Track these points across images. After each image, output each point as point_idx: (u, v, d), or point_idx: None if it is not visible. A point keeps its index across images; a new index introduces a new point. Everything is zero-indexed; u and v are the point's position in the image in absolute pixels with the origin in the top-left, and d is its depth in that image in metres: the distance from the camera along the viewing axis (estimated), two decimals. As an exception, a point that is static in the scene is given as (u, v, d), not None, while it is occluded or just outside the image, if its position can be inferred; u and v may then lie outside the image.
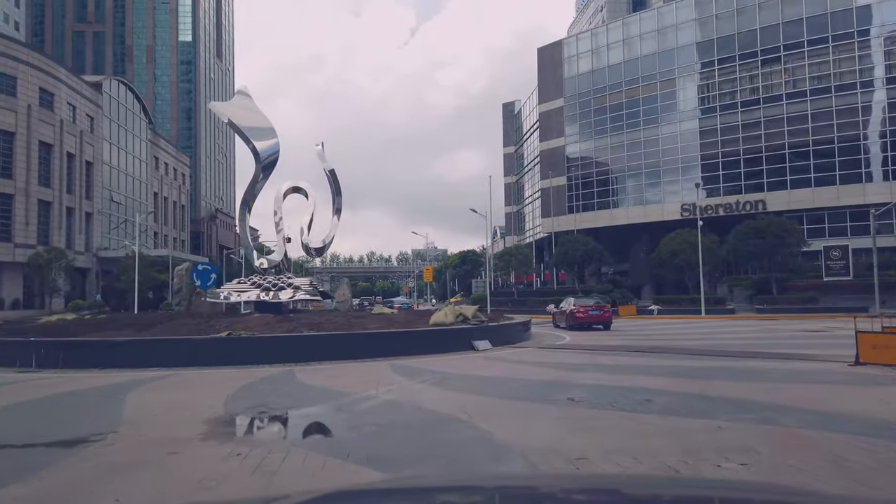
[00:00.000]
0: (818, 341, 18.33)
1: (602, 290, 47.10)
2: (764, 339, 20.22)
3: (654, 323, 31.65)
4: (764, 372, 11.59)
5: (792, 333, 22.16)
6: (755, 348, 16.42)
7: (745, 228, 39.46)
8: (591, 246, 47.23)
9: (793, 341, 18.65)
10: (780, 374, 11.41)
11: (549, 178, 63.48)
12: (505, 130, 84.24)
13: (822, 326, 25.42)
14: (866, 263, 45.46)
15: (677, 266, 43.18)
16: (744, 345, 17.66)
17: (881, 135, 46.92)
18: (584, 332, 25.07)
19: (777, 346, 17.11)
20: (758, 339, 19.84)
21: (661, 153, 55.97)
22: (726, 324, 29.70)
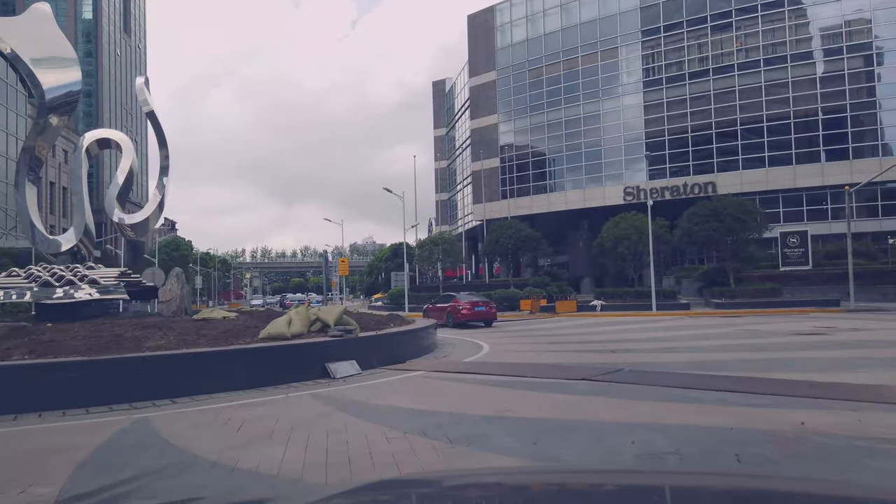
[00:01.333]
0: (850, 354, 12.48)
1: (538, 282, 41.20)
2: (756, 347, 14.32)
3: (598, 322, 25.75)
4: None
5: (787, 339, 16.39)
6: (766, 369, 10.39)
7: (701, 210, 34.21)
8: (525, 233, 41.33)
9: (809, 354, 12.75)
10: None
11: (480, 159, 57.34)
12: (435, 111, 77.73)
13: (812, 326, 19.90)
14: (824, 252, 41.19)
15: (621, 255, 37.67)
16: (739, 362, 11.65)
17: (841, 109, 42.70)
18: (506, 340, 18.80)
19: (795, 364, 11.12)
20: (750, 350, 13.91)
21: (602, 131, 50.61)
22: (687, 323, 24.02)
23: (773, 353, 13.19)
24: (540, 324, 26.36)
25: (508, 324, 26.88)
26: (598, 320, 27.38)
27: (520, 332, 22.15)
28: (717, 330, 19.65)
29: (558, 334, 20.41)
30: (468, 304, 25.34)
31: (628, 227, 37.08)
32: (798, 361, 11.49)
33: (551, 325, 25.49)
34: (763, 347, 14.29)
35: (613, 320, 27.03)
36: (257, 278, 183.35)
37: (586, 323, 25.60)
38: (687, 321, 25.06)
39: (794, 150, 43.50)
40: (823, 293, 36.07)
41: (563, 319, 28.97)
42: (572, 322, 26.69)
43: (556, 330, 22.30)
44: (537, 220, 56.72)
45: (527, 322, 27.82)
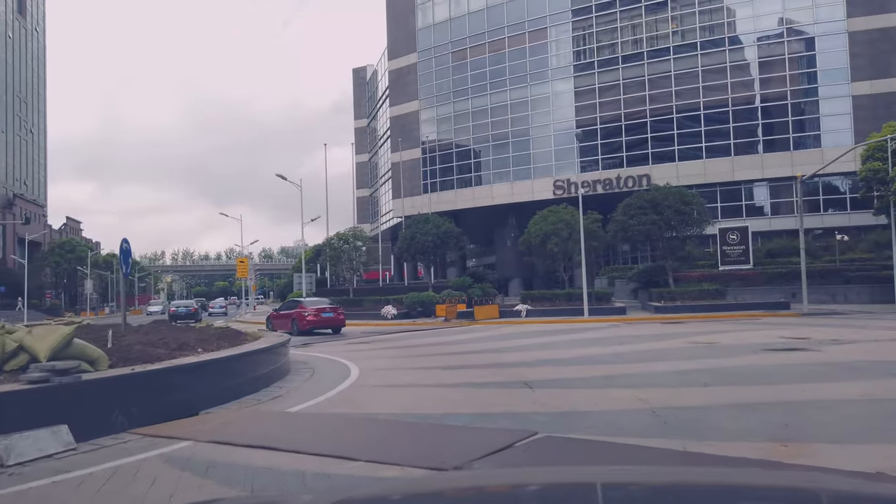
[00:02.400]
0: (887, 391, 8.07)
1: (459, 284, 36.52)
2: (732, 377, 9.90)
3: (519, 332, 21.16)
4: None
5: (765, 360, 12.07)
6: (786, 434, 5.83)
7: (637, 201, 30.27)
8: (444, 228, 36.57)
9: (824, 392, 8.31)
10: None
11: (400, 150, 52.32)
12: (356, 100, 72.31)
13: (780, 337, 15.80)
14: (766, 250, 38.26)
15: (550, 253, 33.40)
16: (727, 413, 7.12)
17: (781, 96, 39.94)
18: (393, 361, 13.83)
19: (827, 421, 6.62)
20: (727, 383, 9.46)
21: (530, 119, 46.51)
22: (626, 333, 19.69)
23: (763, 386, 8.71)
24: (450, 334, 21.55)
25: (411, 335, 21.95)
26: (521, 329, 22.79)
27: (418, 347, 17.24)
28: (665, 344, 15.26)
29: (466, 351, 15.60)
30: (314, 311, 23.63)
31: (557, 221, 32.83)
32: (821, 412, 6.96)
33: (463, 335, 20.72)
34: (741, 375, 9.83)
35: (539, 329, 22.50)
36: (178, 282, 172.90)
37: (505, 333, 20.94)
38: (625, 330, 20.76)
39: (733, 140, 40.51)
40: (767, 294, 32.89)
41: (480, 328, 24.29)
42: (489, 332, 22.00)
43: (466, 344, 17.51)
44: (462, 217, 52.14)
45: (435, 332, 22.99)
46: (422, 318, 30.91)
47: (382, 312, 31.07)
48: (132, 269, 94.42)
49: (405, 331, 24.25)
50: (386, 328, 26.42)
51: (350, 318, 32.77)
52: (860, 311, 25.61)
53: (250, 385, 9.93)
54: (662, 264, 37.20)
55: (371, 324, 29.57)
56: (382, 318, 30.89)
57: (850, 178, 38.53)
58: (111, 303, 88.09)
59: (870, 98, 37.44)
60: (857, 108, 37.64)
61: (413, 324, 28.33)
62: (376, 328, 26.81)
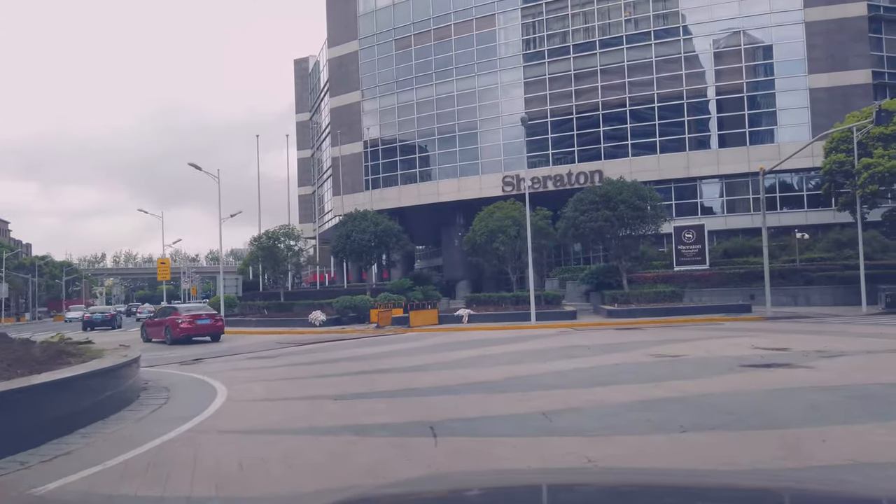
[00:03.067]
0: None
1: (397, 287, 33.55)
2: (717, 416, 7.27)
3: (455, 343, 18.33)
4: None
5: (748, 380, 9.52)
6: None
7: (589, 196, 27.83)
8: (383, 226, 33.51)
9: (843, 437, 5.62)
10: None
11: (340, 144, 49.04)
12: (298, 94, 68.59)
13: (752, 347, 13.35)
14: (722, 249, 36.47)
15: (497, 253, 30.75)
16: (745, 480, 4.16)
17: (737, 89, 38.27)
18: (277, 386, 10.76)
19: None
20: (711, 426, 6.76)
21: (478, 111, 43.88)
22: (575, 341, 17.08)
23: (765, 432, 6.05)
24: (374, 345, 18.55)
25: (328, 347, 18.87)
26: (459, 338, 19.96)
27: (326, 364, 14.19)
28: (621, 358, 12.62)
29: (380, 369, 12.65)
30: (188, 318, 22.35)
31: (504, 218, 30.22)
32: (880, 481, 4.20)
33: (389, 346, 17.75)
34: (727, 410, 7.17)
35: (478, 337, 19.70)
36: (118, 285, 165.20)
37: (438, 344, 18.06)
38: (575, 338, 18.13)
39: (688, 134, 38.68)
40: (725, 296, 30.94)
41: (413, 336, 21.36)
42: (421, 342, 19.08)
43: (386, 359, 14.54)
44: (408, 216, 49.26)
45: (359, 343, 19.97)
46: (354, 325, 27.83)
47: (310, 319, 27.86)
48: (62, 271, 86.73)
49: (327, 340, 21.16)
50: (308, 337, 23.26)
51: (276, 325, 29.47)
52: (826, 314, 23.69)
53: (38, 432, 6.79)
54: (615, 265, 35.00)
55: (295, 331, 26.35)
56: (310, 325, 27.71)
57: (808, 175, 37.15)
58: (35, 307, 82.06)
59: (827, 91, 36.05)
60: (815, 102, 36.22)
61: (342, 331, 25.24)
62: (297, 337, 23.60)
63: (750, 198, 38.22)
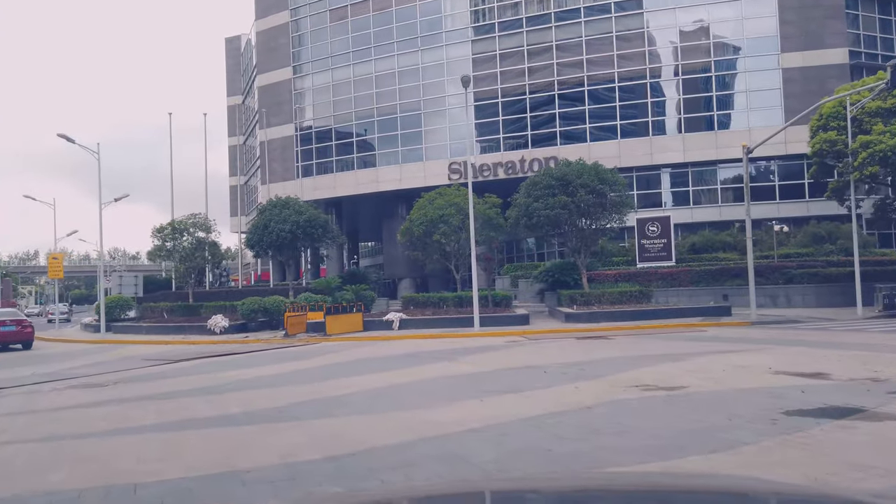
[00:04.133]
0: None
1: (320, 286, 28.90)
2: None
3: (371, 356, 13.89)
4: None
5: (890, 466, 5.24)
6: None
7: (544, 179, 23.69)
8: (308, 215, 28.74)
9: None
10: None
11: (270, 127, 43.99)
12: (229, 75, 62.84)
13: (769, 367, 9.28)
14: (688, 244, 33.00)
15: (439, 247, 26.45)
16: None
17: (705, 67, 34.86)
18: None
19: None
20: None
21: (422, 91, 39.47)
22: (527, 358, 12.85)
23: None
24: (260, 364, 13.92)
25: (189, 372, 14.19)
26: (378, 351, 15.51)
27: (161, 397, 9.55)
28: (590, 391, 8.36)
29: (219, 418, 8.10)
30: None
31: (446, 205, 25.90)
32: None
33: (278, 366, 13.18)
34: None
35: (403, 351, 15.30)
36: (52, 285, 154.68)
37: (343, 362, 13.56)
38: (525, 353, 13.91)
39: (651, 118, 35.08)
40: (695, 296, 27.43)
41: (323, 348, 16.82)
42: (326, 357, 14.56)
43: (255, 389, 10.02)
44: (346, 207, 44.58)
45: (247, 360, 15.33)
46: (264, 332, 23.08)
47: (209, 325, 23.00)
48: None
49: (213, 354, 16.44)
50: (196, 349, 18.48)
51: (170, 331, 24.42)
52: (818, 318, 20.16)
53: None
54: (573, 261, 31.14)
55: (188, 341, 21.46)
56: (210, 333, 22.86)
57: (782, 162, 34.04)
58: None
59: (801, 72, 32.93)
60: (788, 83, 33.06)
61: (243, 341, 20.52)
62: (183, 349, 18.77)
63: (718, 188, 34.91)
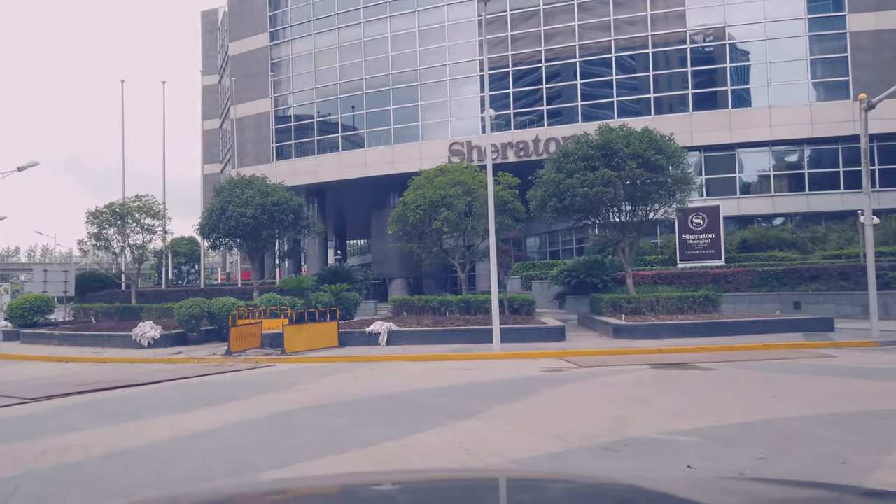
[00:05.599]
0: None
1: (289, 286, 23.20)
2: None
3: (338, 398, 8.29)
4: None
5: None
6: None
7: (581, 149, 18.04)
8: (277, 196, 23.01)
9: None
10: None
11: (244, 101, 38.26)
12: (205, 51, 57.07)
13: None
14: (737, 241, 27.58)
15: (437, 237, 20.87)
16: None
17: (758, 33, 29.41)
18: None
19: None
20: None
21: (419, 59, 33.85)
22: (621, 413, 7.21)
23: None
24: (139, 416, 8.19)
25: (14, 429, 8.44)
26: (351, 389, 9.82)
27: None
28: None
29: None
30: None
31: (450, 184, 20.30)
32: None
33: (162, 425, 7.48)
34: None
35: (388, 390, 9.61)
36: (30, 282, 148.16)
37: (295, 411, 7.84)
38: (599, 404, 8.25)
39: (692, 90, 29.63)
40: (756, 304, 22.14)
41: (271, 377, 11.15)
42: (271, 399, 8.86)
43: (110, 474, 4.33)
44: (330, 196, 38.89)
45: (123, 406, 9.62)
46: (207, 344, 17.35)
47: (134, 335, 17.22)
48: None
49: (99, 388, 10.68)
50: (94, 371, 12.73)
51: (87, 342, 18.65)
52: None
53: None
54: (601, 258, 25.63)
55: (98, 358, 15.66)
56: (137, 346, 17.09)
57: (845, 145, 28.63)
58: None
59: (873, 37, 27.56)
60: (857, 51, 27.67)
61: (170, 359, 14.75)
62: (78, 369, 12.98)
63: (770, 173, 29.44)
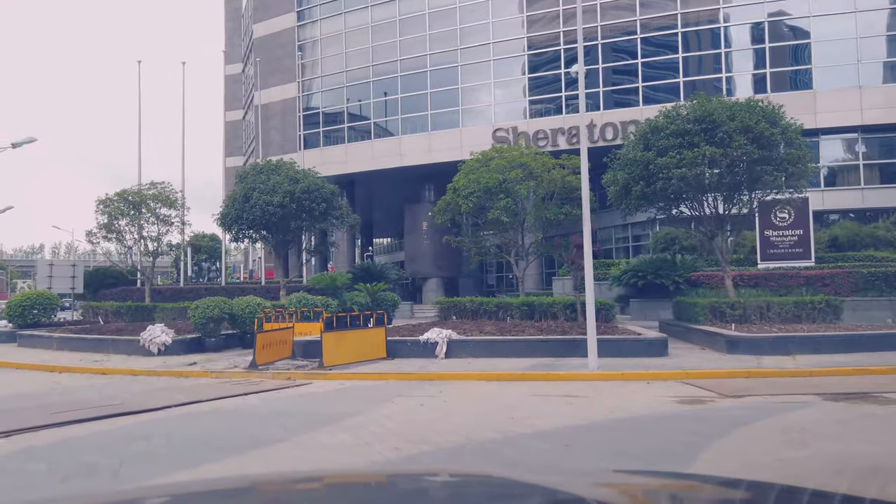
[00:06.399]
0: None
1: (325, 284, 20.42)
2: None
3: (395, 456, 5.38)
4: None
5: None
6: None
7: (673, 122, 14.94)
8: (307, 183, 20.28)
9: None
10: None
11: (268, 87, 35.72)
12: (229, 38, 54.76)
13: None
14: (826, 238, 24.31)
15: (494, 228, 18.00)
16: None
17: (846, 4, 26.13)
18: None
19: None
20: None
21: (459, 37, 31.00)
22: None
23: None
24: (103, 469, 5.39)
25: None
26: (426, 419, 6.91)
27: None
28: None
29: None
30: None
31: (508, 167, 17.35)
32: None
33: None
34: None
35: (483, 417, 6.68)
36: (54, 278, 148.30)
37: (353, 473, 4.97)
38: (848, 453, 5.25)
39: (769, 67, 26.39)
40: (860, 310, 18.86)
41: (308, 402, 8.34)
42: (313, 442, 6.01)
43: None
44: (360, 189, 36.18)
45: (99, 457, 6.78)
46: (227, 351, 14.64)
47: (142, 341, 14.55)
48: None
49: (72, 421, 7.89)
50: (85, 385, 10.03)
51: (95, 347, 16.06)
52: None
53: None
54: (669, 257, 22.59)
55: (97, 369, 13.00)
56: (145, 353, 14.43)
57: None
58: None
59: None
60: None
61: (181, 372, 12.03)
62: (66, 384, 10.29)
63: (860, 163, 26.09)
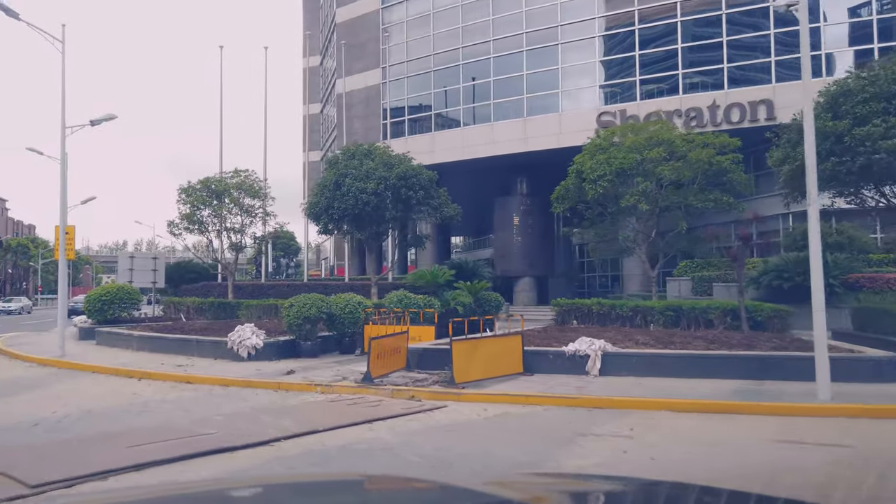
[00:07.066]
0: None
1: (425, 280, 18.15)
2: None
3: None
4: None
5: None
6: None
7: (874, 85, 11.86)
8: (403, 168, 18.13)
9: None
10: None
11: (352, 74, 33.97)
12: (307, 27, 53.62)
13: None
14: None
15: (634, 216, 15.28)
16: None
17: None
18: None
19: None
20: None
21: (559, 13, 28.27)
22: None
23: None
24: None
25: None
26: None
27: None
28: None
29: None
30: None
31: (644, 145, 14.60)
32: None
33: None
34: None
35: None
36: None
37: None
38: None
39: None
40: None
41: (413, 450, 6.01)
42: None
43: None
44: (446, 179, 33.73)
45: None
46: (327, 356, 12.58)
47: (229, 343, 12.64)
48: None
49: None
50: (154, 404, 8.06)
51: (177, 349, 14.35)
52: None
53: None
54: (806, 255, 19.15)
55: (178, 376, 11.12)
56: (234, 357, 12.52)
57: None
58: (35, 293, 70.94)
59: None
60: None
61: (279, 384, 9.95)
62: (138, 403, 8.36)
63: None
